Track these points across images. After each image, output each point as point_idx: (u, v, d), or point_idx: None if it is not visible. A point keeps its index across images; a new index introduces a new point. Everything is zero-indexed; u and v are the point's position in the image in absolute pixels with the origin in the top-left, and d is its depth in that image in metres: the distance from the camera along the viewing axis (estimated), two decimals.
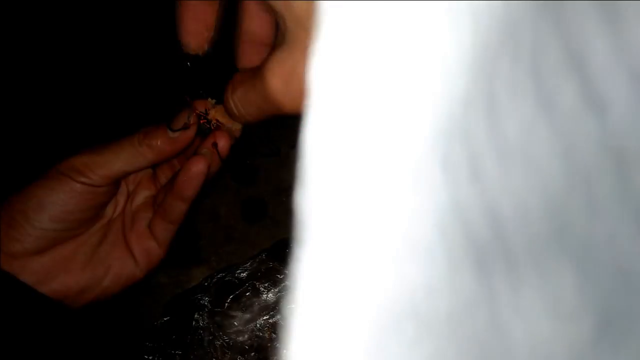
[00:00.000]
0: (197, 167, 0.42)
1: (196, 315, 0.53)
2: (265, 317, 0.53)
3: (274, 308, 0.53)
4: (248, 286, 0.53)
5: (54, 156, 0.42)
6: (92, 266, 0.44)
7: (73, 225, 0.43)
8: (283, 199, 0.57)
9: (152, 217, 0.45)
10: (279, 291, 0.53)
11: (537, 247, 0.11)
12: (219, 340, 0.52)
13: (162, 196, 0.45)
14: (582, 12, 0.10)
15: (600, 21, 0.10)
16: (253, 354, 0.52)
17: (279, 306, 0.53)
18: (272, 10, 0.30)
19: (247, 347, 0.52)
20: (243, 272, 0.54)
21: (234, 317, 0.53)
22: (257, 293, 0.53)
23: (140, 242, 0.45)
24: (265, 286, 0.53)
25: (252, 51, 0.38)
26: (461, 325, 0.12)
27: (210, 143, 0.42)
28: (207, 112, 0.42)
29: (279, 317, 0.52)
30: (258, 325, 0.52)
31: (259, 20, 0.37)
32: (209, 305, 0.53)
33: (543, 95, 0.11)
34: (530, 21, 0.11)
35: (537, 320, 0.11)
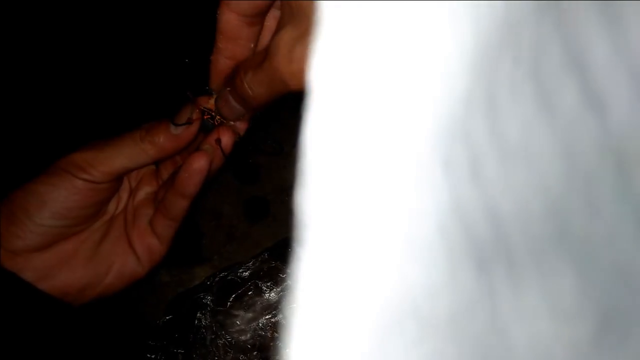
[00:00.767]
0: (198, 163, 0.41)
1: (198, 314, 0.53)
2: (267, 316, 0.53)
3: (276, 307, 0.53)
4: (250, 285, 0.53)
5: (55, 152, 0.42)
6: (94, 263, 0.44)
7: (74, 222, 0.43)
8: (285, 198, 0.57)
9: (153, 214, 0.45)
10: (281, 290, 0.53)
11: (537, 247, 0.11)
12: (222, 339, 0.52)
13: (163, 193, 0.44)
14: (583, 13, 0.10)
15: (600, 22, 0.10)
16: (255, 353, 0.52)
17: (281, 305, 0.53)
18: None
19: (249, 346, 0.52)
20: (245, 271, 0.54)
21: (236, 316, 0.53)
22: (259, 292, 0.53)
23: (142, 239, 0.45)
24: (267, 285, 0.53)
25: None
26: (462, 325, 0.12)
27: (213, 139, 0.42)
28: (212, 108, 0.42)
29: (281, 316, 0.52)
30: (260, 325, 0.52)
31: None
32: (212, 304, 0.53)
33: (543, 95, 0.11)
34: (530, 22, 0.11)
35: (537, 321, 0.11)
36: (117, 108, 0.55)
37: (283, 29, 0.33)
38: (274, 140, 0.53)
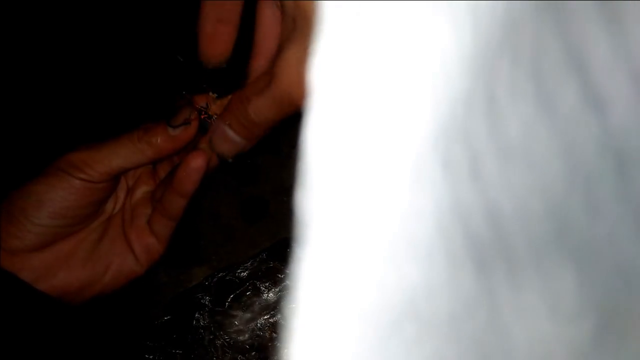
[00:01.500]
0: (196, 162, 0.41)
1: (197, 315, 0.53)
2: (265, 317, 0.53)
3: (274, 307, 0.53)
4: (249, 285, 0.53)
5: (53, 153, 0.42)
6: (93, 262, 0.44)
7: (72, 222, 0.43)
8: (284, 198, 0.57)
9: (151, 213, 0.45)
10: (280, 291, 0.53)
11: (537, 247, 0.11)
12: (220, 340, 0.52)
13: (160, 192, 0.44)
14: (583, 13, 0.10)
15: (600, 21, 0.10)
16: (254, 353, 0.52)
17: (280, 306, 0.53)
18: (283, 9, 0.31)
19: (247, 346, 0.52)
20: (244, 272, 0.54)
21: (234, 316, 0.53)
22: (257, 292, 0.53)
23: (140, 238, 0.45)
24: (266, 285, 0.53)
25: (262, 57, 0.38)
26: (461, 325, 0.12)
27: (210, 138, 0.42)
28: (208, 107, 0.42)
29: (279, 316, 0.52)
30: (259, 325, 0.52)
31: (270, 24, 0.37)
32: (210, 304, 0.53)
33: (543, 95, 0.11)
34: (530, 21, 0.11)
35: (537, 320, 0.11)
36: (114, 108, 0.55)
37: (287, 48, 0.33)
38: (270, 138, 0.53)
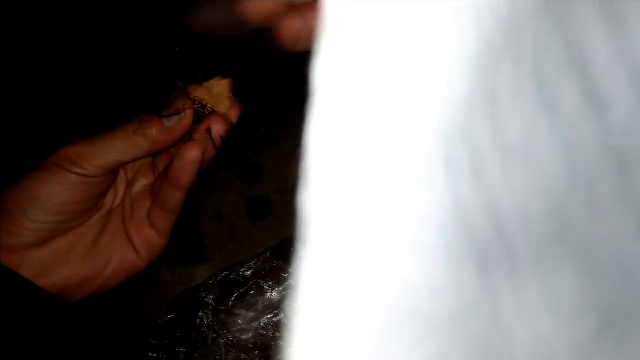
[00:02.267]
0: (190, 154, 0.41)
1: (200, 313, 0.53)
2: (269, 316, 0.53)
3: (278, 307, 0.53)
4: (252, 285, 0.53)
5: (47, 147, 0.41)
6: (93, 257, 0.43)
7: (70, 217, 0.42)
8: (288, 197, 0.57)
9: (150, 207, 0.45)
10: (283, 290, 0.54)
11: (538, 246, 0.11)
12: (223, 339, 0.52)
13: (159, 185, 0.44)
14: (584, 13, 0.10)
15: (601, 22, 0.10)
16: (257, 352, 0.52)
17: (283, 305, 0.53)
18: None
19: (251, 345, 0.52)
20: (247, 271, 0.54)
21: (238, 315, 0.53)
22: (261, 291, 0.53)
23: (141, 232, 0.45)
24: (269, 285, 0.53)
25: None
26: (463, 324, 0.12)
27: (204, 128, 0.41)
28: (202, 98, 0.41)
29: (283, 315, 0.52)
30: (262, 324, 0.53)
31: None
32: (214, 303, 0.53)
33: (545, 95, 0.11)
34: (532, 22, 0.11)
35: (538, 320, 0.11)
36: (108, 101, 0.55)
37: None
38: (268, 129, 0.53)
